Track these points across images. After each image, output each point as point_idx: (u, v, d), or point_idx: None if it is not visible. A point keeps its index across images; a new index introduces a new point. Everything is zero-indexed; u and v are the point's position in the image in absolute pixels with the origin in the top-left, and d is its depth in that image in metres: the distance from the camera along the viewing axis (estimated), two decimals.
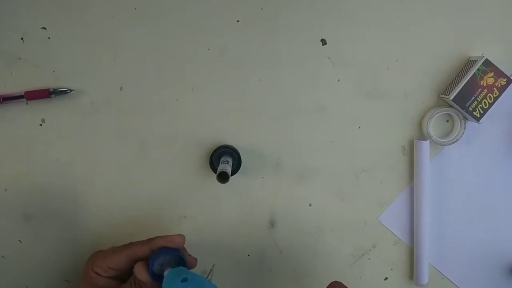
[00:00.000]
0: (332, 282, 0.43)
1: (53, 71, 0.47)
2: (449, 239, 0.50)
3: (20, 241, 0.49)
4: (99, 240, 0.50)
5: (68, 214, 0.49)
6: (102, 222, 0.49)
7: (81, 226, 0.49)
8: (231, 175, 0.44)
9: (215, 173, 0.45)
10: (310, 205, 0.49)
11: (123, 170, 0.48)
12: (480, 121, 0.45)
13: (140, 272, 0.38)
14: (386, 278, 0.51)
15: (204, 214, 0.49)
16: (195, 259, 0.42)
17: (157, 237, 0.41)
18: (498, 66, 0.44)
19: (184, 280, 0.35)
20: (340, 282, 0.43)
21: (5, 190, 0.48)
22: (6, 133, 0.47)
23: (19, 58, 0.46)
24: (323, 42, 0.47)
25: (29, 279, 0.50)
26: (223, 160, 0.44)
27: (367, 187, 0.49)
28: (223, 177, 0.41)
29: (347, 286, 0.41)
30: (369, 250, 0.50)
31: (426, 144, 0.47)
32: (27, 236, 0.49)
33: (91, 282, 0.41)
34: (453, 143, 0.47)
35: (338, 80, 0.47)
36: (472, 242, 0.50)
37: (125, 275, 0.42)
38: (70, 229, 0.49)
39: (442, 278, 0.50)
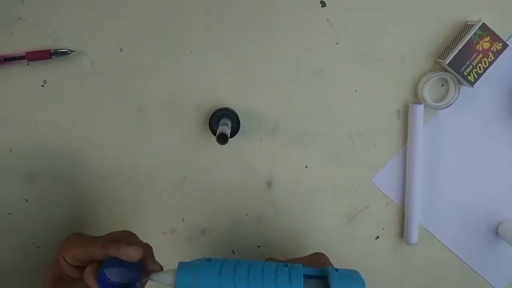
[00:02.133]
0: (316, 253, 0.45)
1: (53, 32, 0.47)
2: (439, 201, 0.52)
3: (26, 199, 0.51)
4: (100, 198, 0.51)
5: (71, 174, 0.51)
6: (103, 181, 0.51)
7: (83, 185, 0.51)
8: (230, 137, 0.45)
9: (214, 135, 0.47)
10: (306, 167, 0.51)
11: (123, 131, 0.49)
12: (474, 86, 0.46)
13: (88, 275, 0.37)
14: (377, 237, 0.53)
15: (204, 175, 0.51)
16: (160, 266, 0.40)
17: (114, 245, 0.38)
18: (494, 30, 0.45)
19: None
20: (324, 254, 0.44)
21: (10, 150, 0.50)
22: (9, 94, 0.48)
23: (19, 18, 0.46)
24: (323, 4, 0.47)
25: (35, 235, 0.52)
26: (222, 123, 0.46)
27: (361, 150, 0.50)
28: (222, 139, 0.42)
29: (329, 259, 0.43)
30: (362, 211, 0.52)
31: (420, 108, 0.48)
32: (32, 195, 0.51)
33: (58, 266, 0.40)
34: (447, 107, 0.48)
35: (337, 43, 0.48)
36: (460, 204, 0.52)
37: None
38: (73, 188, 0.51)
39: (431, 237, 0.53)
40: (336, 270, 0.37)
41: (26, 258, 0.52)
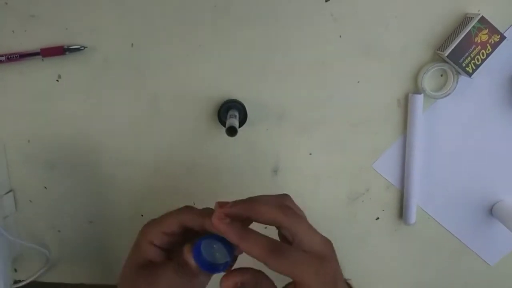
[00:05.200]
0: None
1: (66, 29, 0.48)
2: (436, 184, 0.54)
3: (45, 187, 0.54)
4: (116, 185, 0.54)
5: (87, 163, 0.53)
6: (118, 169, 0.54)
7: (99, 173, 0.54)
8: (238, 127, 0.48)
9: (223, 125, 0.49)
10: (310, 154, 0.53)
11: (137, 124, 0.52)
12: (472, 76, 0.48)
13: (187, 253, 0.36)
14: (377, 218, 0.56)
15: (213, 163, 0.54)
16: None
17: (214, 215, 0.36)
18: (493, 23, 0.46)
19: None
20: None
21: (28, 141, 0.52)
22: (25, 88, 0.50)
23: (32, 16, 0.48)
24: None
25: (55, 221, 0.55)
26: (231, 114, 0.48)
27: (363, 137, 0.53)
28: (232, 132, 0.44)
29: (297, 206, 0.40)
30: (363, 194, 0.55)
31: (419, 98, 0.50)
32: (51, 183, 0.54)
33: (140, 253, 0.39)
34: (445, 96, 0.50)
35: (340, 37, 0.49)
36: (456, 186, 0.54)
37: (176, 245, 0.39)
38: (89, 176, 0.54)
39: (428, 218, 0.56)
40: None
41: (48, 242, 0.56)
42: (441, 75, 0.51)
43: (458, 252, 0.57)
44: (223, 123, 0.50)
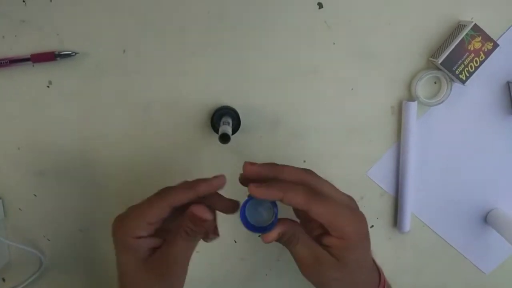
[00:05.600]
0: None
1: (57, 34, 0.48)
2: (430, 192, 0.54)
3: (35, 195, 0.53)
4: (107, 193, 0.53)
5: (78, 171, 0.52)
6: (109, 177, 0.53)
7: (90, 181, 0.53)
8: (232, 134, 0.47)
9: (216, 132, 0.49)
10: (304, 161, 0.53)
11: (129, 131, 0.51)
12: (465, 84, 0.48)
13: (204, 210, 0.37)
14: (372, 226, 0.56)
15: (207, 170, 0.53)
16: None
17: (200, 180, 0.39)
18: (486, 30, 0.46)
19: None
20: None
21: (18, 148, 0.51)
22: (15, 94, 0.49)
23: (23, 21, 0.47)
24: (320, 5, 0.48)
25: (46, 229, 0.54)
26: (224, 121, 0.47)
27: (357, 144, 0.52)
28: (225, 139, 0.44)
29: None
30: (357, 202, 0.54)
31: (413, 105, 0.50)
32: (41, 191, 0.53)
33: (135, 251, 0.37)
34: (439, 104, 0.50)
35: (334, 43, 0.49)
36: (451, 194, 0.54)
37: (162, 230, 0.39)
38: (80, 184, 0.53)
39: (423, 226, 0.55)
40: None
41: (37, 250, 0.55)
42: (435, 83, 0.51)
43: (453, 260, 0.56)
44: (216, 130, 0.49)
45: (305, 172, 0.39)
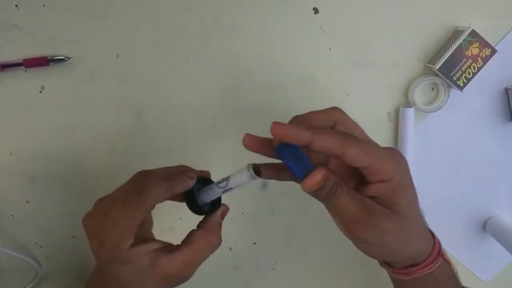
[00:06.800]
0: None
1: (50, 39, 0.47)
2: (428, 199, 0.53)
3: (27, 201, 0.52)
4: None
5: (71, 176, 0.52)
6: (102, 183, 0.52)
7: (83, 187, 0.52)
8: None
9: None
10: None
11: (122, 136, 0.51)
12: (463, 90, 0.47)
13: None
14: None
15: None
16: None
17: (179, 178, 0.37)
18: (483, 36, 0.46)
19: None
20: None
21: (10, 154, 0.51)
22: (7, 99, 0.49)
23: (15, 26, 0.47)
24: (315, 10, 0.48)
25: (38, 236, 0.54)
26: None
27: None
28: (257, 172, 0.37)
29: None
30: None
31: (411, 111, 0.49)
32: (33, 197, 0.52)
33: (133, 262, 0.34)
34: (437, 110, 0.49)
35: (329, 49, 0.49)
36: (449, 202, 0.54)
37: None
38: (73, 190, 0.52)
39: None
40: None
41: (29, 257, 0.54)
42: (432, 89, 0.50)
43: None
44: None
45: (333, 110, 0.35)
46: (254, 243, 0.55)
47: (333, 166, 0.35)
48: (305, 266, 0.56)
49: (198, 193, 0.39)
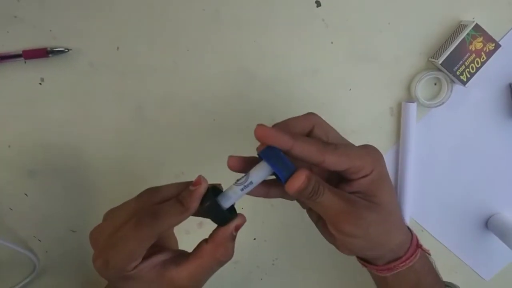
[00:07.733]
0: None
1: (50, 30, 0.47)
2: (430, 196, 0.53)
3: (26, 194, 0.52)
4: (100, 193, 0.52)
5: (70, 169, 0.51)
6: (102, 177, 0.52)
7: (82, 180, 0.52)
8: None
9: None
10: None
11: (122, 129, 0.50)
12: (466, 85, 0.47)
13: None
14: None
15: (201, 170, 0.52)
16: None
17: (191, 194, 0.35)
18: (487, 31, 0.45)
19: None
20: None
21: (9, 146, 0.50)
22: (6, 91, 0.49)
23: (15, 17, 0.47)
24: (318, 3, 0.47)
25: (37, 230, 0.53)
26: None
27: None
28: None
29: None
30: None
31: (413, 106, 0.49)
32: (32, 190, 0.52)
33: (139, 278, 0.33)
34: (439, 105, 0.49)
35: (331, 43, 0.48)
36: (451, 199, 0.53)
37: None
38: (73, 183, 0.52)
39: (422, 230, 0.54)
40: None
41: (28, 251, 0.54)
42: (435, 84, 0.49)
43: (453, 266, 0.55)
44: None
45: (309, 115, 0.37)
46: (254, 239, 0.55)
47: (314, 171, 0.36)
48: (305, 262, 0.55)
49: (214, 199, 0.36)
